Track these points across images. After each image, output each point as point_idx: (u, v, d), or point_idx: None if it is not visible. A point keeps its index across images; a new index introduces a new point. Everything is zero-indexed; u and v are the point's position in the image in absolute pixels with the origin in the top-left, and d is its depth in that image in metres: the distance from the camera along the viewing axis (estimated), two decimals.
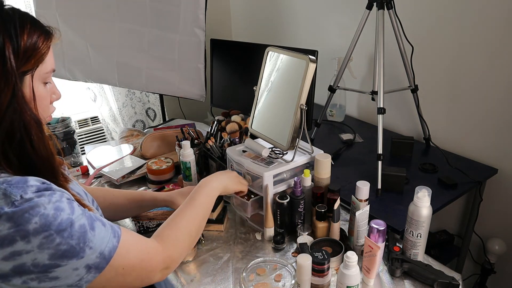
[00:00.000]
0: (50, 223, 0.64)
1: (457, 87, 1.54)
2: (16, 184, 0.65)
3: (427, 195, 0.98)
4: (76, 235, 0.67)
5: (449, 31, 1.50)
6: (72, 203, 0.70)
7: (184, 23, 1.66)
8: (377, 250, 0.92)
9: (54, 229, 0.64)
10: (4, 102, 0.66)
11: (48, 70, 0.74)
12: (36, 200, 0.65)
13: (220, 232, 1.20)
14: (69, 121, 1.64)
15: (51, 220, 0.65)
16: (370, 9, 1.40)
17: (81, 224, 0.68)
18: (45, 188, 0.68)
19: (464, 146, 1.58)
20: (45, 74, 0.74)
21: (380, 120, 1.36)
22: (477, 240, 1.59)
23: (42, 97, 0.74)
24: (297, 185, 1.09)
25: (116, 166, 1.53)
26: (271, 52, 1.20)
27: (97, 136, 2.28)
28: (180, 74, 1.76)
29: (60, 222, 0.65)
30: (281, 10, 2.22)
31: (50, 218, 0.65)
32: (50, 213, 0.65)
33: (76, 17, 1.72)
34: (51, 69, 0.75)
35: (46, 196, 0.66)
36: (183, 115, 2.36)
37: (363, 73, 1.87)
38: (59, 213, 0.66)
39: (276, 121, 1.17)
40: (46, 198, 0.66)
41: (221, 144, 1.41)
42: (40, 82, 0.74)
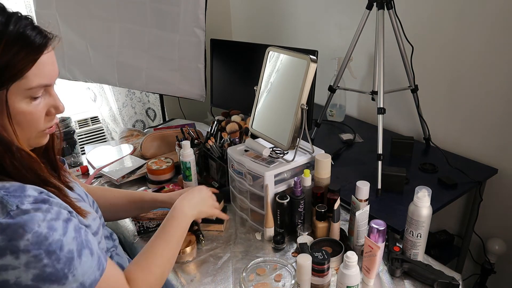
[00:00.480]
0: (41, 242, 0.63)
1: (457, 87, 1.54)
2: (13, 192, 0.65)
3: (427, 195, 0.98)
4: (63, 259, 0.66)
5: (449, 31, 1.50)
6: (68, 223, 0.69)
7: (184, 23, 1.66)
8: (377, 250, 0.92)
9: (44, 249, 0.64)
10: None
11: (33, 86, 0.68)
12: (32, 214, 0.64)
13: (220, 232, 1.20)
14: (69, 121, 1.64)
15: (42, 240, 0.64)
16: (370, 9, 1.40)
17: (70, 249, 0.67)
18: (42, 199, 0.67)
19: (464, 146, 1.58)
20: (28, 90, 0.68)
21: (380, 120, 1.36)
22: (477, 240, 1.59)
23: (25, 113, 0.69)
24: (297, 185, 1.09)
25: (116, 166, 1.53)
26: (271, 52, 1.20)
27: (97, 136, 2.28)
28: (180, 74, 1.76)
29: (51, 242, 0.64)
30: (281, 10, 2.22)
31: (42, 237, 0.64)
32: (43, 232, 0.64)
33: (76, 17, 1.72)
34: (38, 85, 0.69)
35: (43, 211, 0.66)
36: (183, 115, 2.36)
37: (363, 73, 1.87)
38: (51, 233, 0.65)
39: (276, 121, 1.17)
40: (42, 215, 0.65)
41: (221, 144, 1.41)
42: (23, 98, 0.68)
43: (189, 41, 1.68)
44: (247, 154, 1.19)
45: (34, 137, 0.74)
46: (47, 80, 0.71)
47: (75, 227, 0.71)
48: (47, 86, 0.72)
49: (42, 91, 0.72)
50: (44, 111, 0.73)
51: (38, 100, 0.71)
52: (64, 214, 0.70)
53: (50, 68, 0.72)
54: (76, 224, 0.71)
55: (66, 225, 0.68)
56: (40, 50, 0.69)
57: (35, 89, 0.69)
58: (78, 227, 0.72)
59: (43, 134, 0.76)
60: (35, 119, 0.72)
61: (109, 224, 1.36)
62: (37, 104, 0.71)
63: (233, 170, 1.23)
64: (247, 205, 1.22)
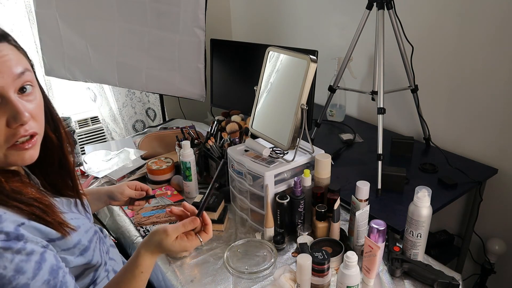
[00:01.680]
0: (4, 285, 0.60)
1: (457, 87, 1.54)
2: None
3: (427, 195, 0.98)
4: None
5: (449, 31, 1.50)
6: (41, 264, 0.64)
7: (184, 23, 1.66)
8: (377, 250, 0.92)
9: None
10: None
11: None
12: (0, 254, 0.60)
13: (220, 232, 1.20)
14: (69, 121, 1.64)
15: (5, 283, 0.60)
16: (370, 9, 1.40)
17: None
18: (16, 236, 0.63)
19: (464, 146, 1.58)
20: None
21: (380, 120, 1.36)
22: (477, 240, 1.59)
23: None
24: (297, 185, 1.09)
25: (116, 166, 1.53)
26: (271, 52, 1.20)
27: (97, 136, 2.28)
28: (180, 74, 1.76)
29: (14, 287, 0.61)
30: (281, 10, 2.22)
31: (6, 280, 0.60)
32: (8, 275, 0.60)
33: (76, 17, 1.72)
34: None
35: (13, 251, 0.61)
36: (183, 115, 2.36)
37: (363, 73, 1.87)
38: (17, 276, 0.61)
39: (276, 121, 1.17)
40: (11, 255, 0.61)
41: (221, 144, 1.41)
42: None
43: (189, 41, 1.68)
44: (247, 154, 1.19)
45: (2, 155, 0.66)
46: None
47: (51, 267, 0.66)
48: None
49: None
50: (2, 122, 0.64)
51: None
52: (38, 254, 0.65)
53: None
54: (52, 264, 0.67)
55: (38, 266, 0.64)
56: None
57: None
58: (56, 267, 0.68)
59: (15, 150, 0.67)
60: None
61: (109, 225, 1.36)
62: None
63: (233, 170, 1.23)
64: (247, 205, 1.22)
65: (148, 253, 0.80)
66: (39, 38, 1.80)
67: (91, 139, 2.26)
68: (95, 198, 1.10)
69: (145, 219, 1.27)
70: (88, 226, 0.82)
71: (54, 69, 1.85)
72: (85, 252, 0.77)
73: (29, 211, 0.68)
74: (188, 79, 1.76)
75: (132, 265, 0.80)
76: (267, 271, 1.03)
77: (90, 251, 0.79)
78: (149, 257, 0.80)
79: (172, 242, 0.80)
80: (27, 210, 0.68)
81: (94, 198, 1.10)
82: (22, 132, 0.66)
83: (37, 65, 1.90)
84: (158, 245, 0.80)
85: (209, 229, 0.84)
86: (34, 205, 0.69)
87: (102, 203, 1.12)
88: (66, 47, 1.78)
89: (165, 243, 0.79)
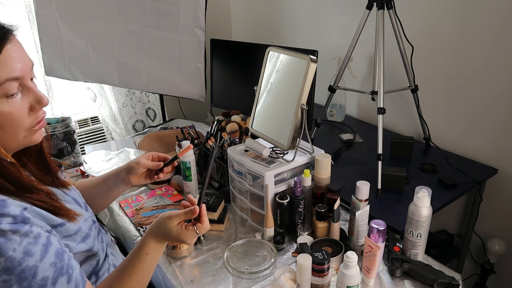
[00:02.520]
0: (14, 267, 0.62)
1: (457, 87, 1.54)
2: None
3: (427, 195, 0.98)
4: (35, 287, 0.64)
5: (449, 31, 1.50)
6: (48, 247, 0.66)
7: (184, 23, 1.66)
8: (377, 250, 0.92)
9: (16, 275, 0.62)
10: None
11: (1, 81, 0.65)
12: (9, 236, 0.62)
13: (220, 232, 1.20)
14: (69, 121, 1.64)
15: (15, 265, 0.62)
16: (370, 9, 1.40)
17: (44, 276, 0.65)
18: (23, 219, 0.65)
19: (464, 146, 1.58)
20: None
21: (380, 120, 1.36)
22: (477, 240, 1.59)
23: (3, 114, 0.67)
24: (297, 185, 1.09)
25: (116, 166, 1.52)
26: (271, 52, 1.20)
27: (97, 136, 2.28)
28: (180, 74, 1.76)
29: (24, 268, 0.63)
30: (281, 10, 2.22)
31: (16, 262, 0.62)
32: (17, 257, 0.62)
33: (76, 17, 1.72)
34: (6, 79, 0.65)
35: (21, 234, 0.63)
36: (183, 115, 2.36)
37: (363, 73, 1.87)
38: (26, 258, 0.63)
39: (276, 121, 1.17)
40: (19, 238, 0.63)
41: (221, 144, 1.41)
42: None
43: (189, 41, 1.68)
44: (247, 154, 1.19)
45: (22, 137, 0.72)
46: (16, 73, 0.67)
47: (57, 251, 0.69)
48: (19, 79, 0.68)
49: (17, 86, 0.68)
50: (26, 107, 0.70)
51: (15, 97, 0.68)
52: (44, 237, 0.67)
53: (17, 60, 0.67)
54: (58, 247, 0.69)
55: (45, 249, 0.66)
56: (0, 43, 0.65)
57: (5, 85, 0.65)
58: (61, 250, 0.70)
59: (33, 132, 0.73)
60: (18, 118, 0.69)
61: (109, 225, 1.36)
62: (15, 102, 0.68)
63: (233, 170, 1.23)
64: (247, 205, 1.22)
65: (151, 236, 0.84)
66: (39, 38, 1.80)
67: (91, 139, 2.26)
68: (114, 178, 1.06)
69: (145, 219, 1.27)
70: (86, 215, 0.84)
71: (54, 69, 1.85)
72: (86, 239, 0.80)
73: (39, 199, 0.72)
74: (188, 79, 1.76)
75: (137, 249, 0.84)
76: (267, 271, 1.03)
77: (90, 238, 0.81)
78: (153, 240, 0.84)
79: (172, 226, 0.83)
80: (38, 200, 0.71)
81: (113, 178, 1.06)
82: (42, 114, 0.74)
83: (37, 65, 1.90)
84: (160, 228, 0.84)
85: (204, 220, 0.85)
86: (42, 195, 0.73)
87: (121, 182, 1.05)
88: (66, 47, 1.78)
89: (167, 226, 0.83)
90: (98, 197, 1.07)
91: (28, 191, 0.71)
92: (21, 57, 0.69)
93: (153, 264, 0.85)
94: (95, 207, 1.05)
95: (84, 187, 1.07)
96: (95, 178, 1.10)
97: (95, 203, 1.05)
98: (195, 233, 0.84)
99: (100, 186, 1.07)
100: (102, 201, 1.10)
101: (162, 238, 0.85)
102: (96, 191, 1.07)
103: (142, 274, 0.83)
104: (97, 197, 1.07)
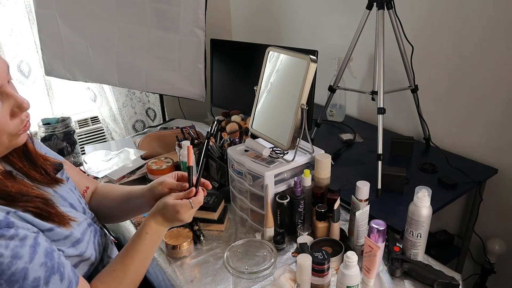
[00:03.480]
0: (3, 271, 0.60)
1: (457, 87, 1.54)
2: None
3: (427, 195, 0.98)
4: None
5: (449, 31, 1.50)
6: (36, 248, 0.65)
7: (184, 23, 1.66)
8: (377, 250, 0.92)
9: (5, 279, 0.61)
10: None
11: None
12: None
13: (220, 232, 1.20)
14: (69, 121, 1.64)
15: (4, 269, 0.61)
16: (370, 9, 1.40)
17: (35, 277, 0.64)
18: (7, 224, 0.63)
19: (464, 146, 1.58)
20: None
21: (380, 120, 1.36)
22: (477, 240, 1.59)
23: None
24: (297, 185, 1.09)
25: (116, 166, 1.53)
26: (271, 52, 1.20)
27: (97, 136, 2.28)
28: (180, 74, 1.76)
29: (14, 272, 0.62)
30: (281, 10, 2.22)
31: (4, 266, 0.61)
32: (5, 261, 0.61)
33: (76, 17, 1.72)
34: None
35: (6, 238, 0.62)
36: (183, 115, 2.36)
37: (363, 73, 1.87)
38: (15, 262, 0.62)
39: (276, 121, 1.17)
40: (4, 242, 0.61)
41: (221, 144, 1.41)
42: None
43: (189, 41, 1.68)
44: (247, 154, 1.19)
45: (8, 141, 0.70)
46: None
47: (46, 250, 0.68)
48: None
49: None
50: (6, 114, 0.68)
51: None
52: (31, 238, 0.66)
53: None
54: (46, 247, 0.68)
55: (33, 250, 0.65)
56: None
57: None
58: (50, 249, 0.69)
59: (17, 136, 0.72)
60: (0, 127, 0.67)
61: (109, 225, 1.36)
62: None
63: (233, 170, 1.23)
64: (247, 205, 1.22)
65: (150, 216, 0.87)
66: (39, 38, 1.80)
67: (91, 139, 2.26)
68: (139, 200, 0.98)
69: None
70: (81, 218, 0.83)
71: (54, 69, 1.85)
72: (77, 244, 0.78)
73: (33, 206, 0.71)
74: (188, 79, 1.76)
75: (138, 231, 0.86)
76: (267, 271, 1.03)
77: (83, 243, 0.80)
78: (152, 220, 0.86)
79: (169, 199, 0.86)
80: (32, 206, 0.70)
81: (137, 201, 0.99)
82: (26, 118, 0.71)
83: (37, 65, 1.90)
84: (158, 206, 0.87)
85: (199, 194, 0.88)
86: (36, 201, 0.71)
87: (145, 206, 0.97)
88: (66, 47, 1.78)
89: (165, 202, 0.86)
90: (117, 212, 1.04)
91: (18, 200, 0.69)
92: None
93: (153, 244, 0.86)
94: (110, 219, 1.05)
95: (108, 196, 1.04)
96: (119, 192, 1.03)
97: (112, 216, 1.05)
98: (190, 206, 0.85)
99: (122, 205, 1.02)
100: (121, 216, 1.09)
101: (160, 216, 0.86)
102: (117, 205, 1.03)
103: (142, 255, 0.84)
104: (116, 212, 1.04)
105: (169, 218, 0.86)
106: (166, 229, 0.89)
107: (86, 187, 1.03)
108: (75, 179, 0.97)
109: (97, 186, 1.08)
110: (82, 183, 1.02)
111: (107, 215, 1.03)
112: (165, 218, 0.86)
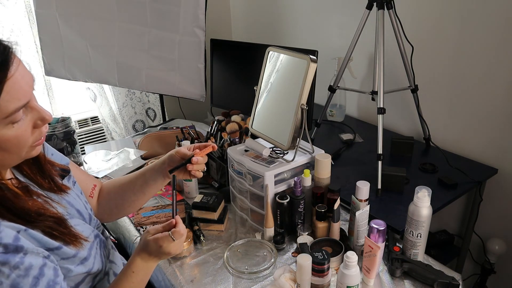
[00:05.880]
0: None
1: (457, 87, 1.54)
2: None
3: (427, 195, 0.98)
4: None
5: (449, 31, 1.50)
6: (39, 279, 0.64)
7: (184, 23, 1.66)
8: (377, 250, 0.92)
9: None
10: None
11: (10, 112, 0.62)
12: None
13: (220, 232, 1.20)
14: (69, 121, 1.64)
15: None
16: (370, 9, 1.40)
17: None
18: (15, 248, 0.63)
19: (464, 146, 1.58)
20: (6, 118, 0.62)
21: (380, 120, 1.36)
22: (477, 240, 1.59)
23: (10, 139, 0.65)
24: (297, 185, 1.09)
25: (116, 166, 1.53)
26: (271, 52, 1.20)
27: (97, 136, 2.28)
28: (180, 74, 1.76)
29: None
30: (281, 10, 2.22)
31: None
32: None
33: (76, 17, 1.72)
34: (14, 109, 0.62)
35: (11, 266, 0.61)
36: (183, 115, 2.36)
37: (363, 73, 1.87)
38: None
39: (276, 121, 1.17)
40: (8, 270, 0.61)
41: (221, 144, 1.41)
42: (3, 126, 0.63)
43: (189, 41, 1.68)
44: (247, 154, 1.19)
45: (24, 153, 0.71)
46: (24, 100, 0.64)
47: (48, 283, 0.66)
48: (25, 104, 0.65)
49: (23, 110, 0.66)
50: (29, 127, 0.68)
51: (20, 121, 0.66)
52: (37, 268, 0.65)
53: (22, 86, 0.64)
54: (49, 280, 0.67)
55: (36, 282, 0.64)
56: (3, 72, 0.60)
57: (14, 115, 0.63)
58: (53, 282, 0.67)
59: (32, 148, 0.72)
60: (23, 140, 0.68)
61: (109, 225, 1.36)
62: (20, 125, 0.66)
63: (233, 170, 1.23)
64: (247, 205, 1.22)
65: (136, 253, 0.83)
66: (39, 38, 1.80)
67: (91, 139, 2.26)
68: (151, 171, 0.98)
69: (145, 219, 1.27)
70: (88, 232, 0.82)
71: (54, 69, 1.85)
72: (85, 261, 0.78)
73: (46, 226, 0.71)
74: (188, 79, 1.76)
75: (125, 267, 0.83)
76: (267, 271, 1.03)
77: (91, 259, 0.79)
78: (138, 257, 0.82)
79: (149, 238, 0.82)
80: (45, 226, 0.70)
81: (150, 172, 0.98)
82: (45, 129, 0.73)
83: (37, 65, 1.90)
84: (142, 244, 0.83)
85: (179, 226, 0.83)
86: (50, 222, 0.72)
87: (159, 175, 0.97)
88: (66, 47, 1.78)
89: (145, 239, 0.82)
90: (132, 194, 1.01)
91: (34, 220, 0.69)
92: (26, 78, 0.65)
93: (141, 283, 0.83)
94: (127, 207, 1.02)
95: (116, 185, 1.03)
96: (128, 175, 1.03)
97: (128, 201, 1.01)
98: (171, 238, 0.81)
99: (135, 182, 1.00)
100: (136, 198, 1.01)
101: (145, 253, 0.82)
102: (130, 187, 1.01)
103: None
104: (131, 193, 1.01)
105: (154, 253, 0.83)
106: (155, 264, 0.85)
107: (94, 185, 1.03)
108: (82, 179, 0.97)
109: (103, 183, 1.08)
110: (89, 182, 1.02)
111: (118, 206, 1.01)
112: (150, 254, 0.83)
